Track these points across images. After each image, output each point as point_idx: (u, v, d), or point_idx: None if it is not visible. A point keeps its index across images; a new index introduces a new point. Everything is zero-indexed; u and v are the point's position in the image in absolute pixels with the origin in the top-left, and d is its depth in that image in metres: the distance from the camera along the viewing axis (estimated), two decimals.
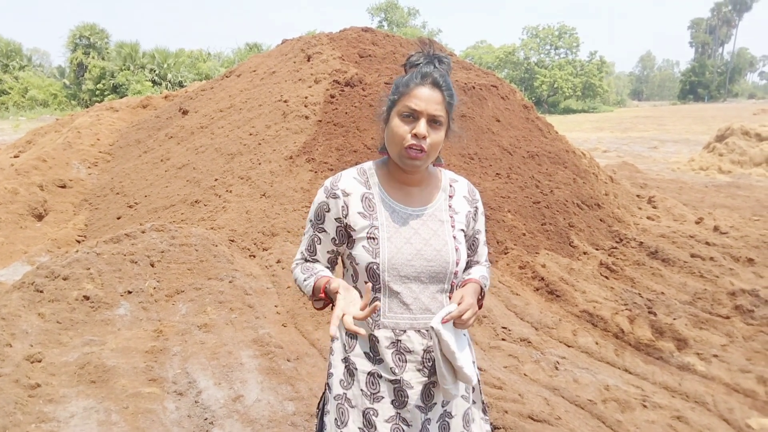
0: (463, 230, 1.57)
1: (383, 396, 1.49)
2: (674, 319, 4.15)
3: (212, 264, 4.27)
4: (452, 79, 1.50)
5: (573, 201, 6.27)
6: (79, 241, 5.97)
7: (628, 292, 4.69)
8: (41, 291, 3.71)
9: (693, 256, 5.50)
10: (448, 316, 1.40)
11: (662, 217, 7.07)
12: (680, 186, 9.84)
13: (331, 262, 1.61)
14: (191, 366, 3.24)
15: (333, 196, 1.50)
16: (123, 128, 9.85)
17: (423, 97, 1.40)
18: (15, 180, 7.07)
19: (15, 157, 9.20)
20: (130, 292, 3.89)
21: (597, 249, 5.76)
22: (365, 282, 1.49)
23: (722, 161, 12.42)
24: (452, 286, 1.53)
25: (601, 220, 6.30)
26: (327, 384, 1.60)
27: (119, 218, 6.21)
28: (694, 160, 13.12)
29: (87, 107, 19.24)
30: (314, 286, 1.51)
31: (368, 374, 1.50)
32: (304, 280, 1.54)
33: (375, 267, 1.45)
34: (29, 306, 3.62)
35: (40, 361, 3.15)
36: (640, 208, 7.40)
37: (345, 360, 1.54)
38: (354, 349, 1.53)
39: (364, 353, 1.51)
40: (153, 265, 4.13)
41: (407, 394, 1.47)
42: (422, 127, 1.39)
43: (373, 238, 1.46)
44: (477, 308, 1.47)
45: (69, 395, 2.92)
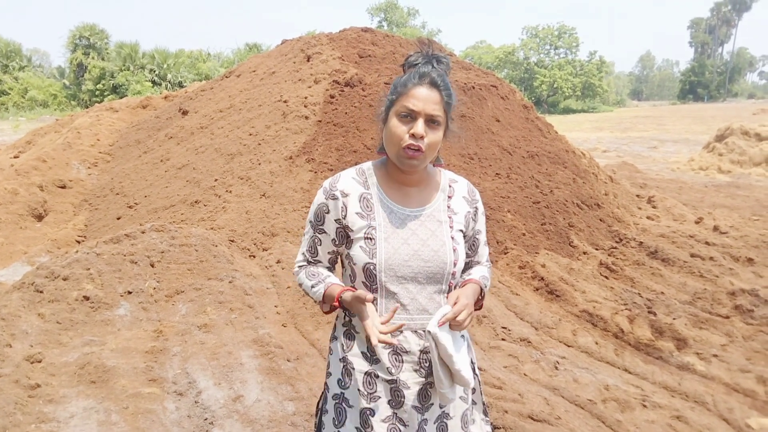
0: (462, 231, 1.56)
1: (380, 396, 1.49)
2: (674, 319, 4.15)
3: (212, 264, 4.27)
4: (452, 79, 1.50)
5: (573, 201, 6.27)
6: (79, 242, 5.98)
7: (628, 292, 4.69)
8: (41, 291, 3.71)
9: (693, 256, 5.50)
10: (443, 319, 1.39)
11: (662, 217, 7.07)
12: (680, 186, 9.84)
13: (332, 263, 1.61)
14: (191, 366, 3.24)
15: (332, 198, 1.50)
16: (123, 129, 9.85)
17: (421, 97, 1.39)
18: (15, 180, 7.07)
19: (15, 158, 9.20)
20: (130, 293, 3.90)
21: (597, 249, 5.76)
22: (363, 282, 1.49)
23: (722, 161, 12.42)
24: (450, 287, 1.53)
25: (601, 220, 6.31)
26: (326, 383, 1.61)
27: (119, 218, 6.22)
28: (694, 160, 13.12)
29: (87, 108, 19.24)
30: (325, 294, 1.51)
31: (365, 374, 1.50)
32: (312, 287, 1.55)
33: (372, 267, 1.45)
34: (29, 306, 3.62)
35: (40, 362, 3.15)
36: (640, 208, 7.40)
37: (343, 360, 1.55)
38: (352, 349, 1.53)
39: (362, 353, 1.52)
40: (153, 266, 4.13)
41: (404, 395, 1.48)
42: (420, 127, 1.39)
43: (371, 239, 1.46)
44: (473, 309, 1.48)
45: (69, 395, 2.92)
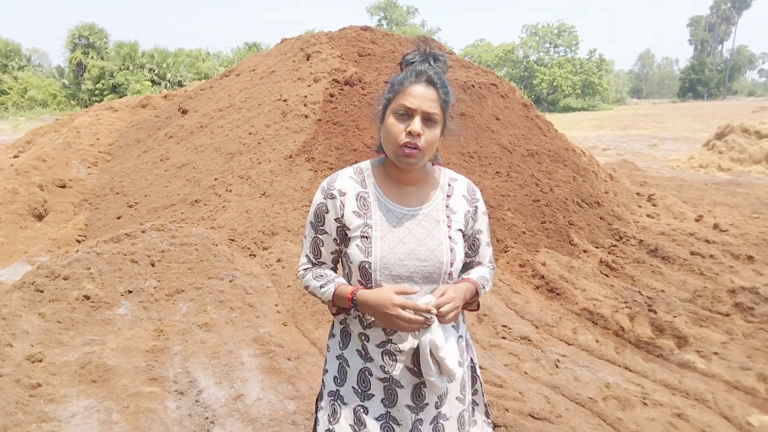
0: (461, 230, 1.55)
1: (374, 394, 1.49)
2: (674, 317, 4.15)
3: (212, 263, 4.27)
4: (452, 78, 1.50)
5: (573, 199, 6.27)
6: (80, 241, 5.98)
7: (628, 290, 4.69)
8: (42, 291, 3.71)
9: (693, 254, 5.50)
10: (425, 306, 1.38)
11: (662, 215, 7.07)
12: (680, 184, 9.83)
13: (336, 263, 1.61)
14: (192, 365, 3.25)
15: (330, 197, 1.50)
16: (122, 128, 9.85)
17: (417, 95, 1.39)
18: (15, 180, 7.07)
19: (15, 157, 9.19)
20: (131, 292, 3.90)
21: (597, 247, 5.76)
22: (358, 281, 1.49)
23: (722, 159, 12.41)
24: None
25: (601, 218, 6.31)
26: (323, 380, 1.61)
27: (119, 218, 6.22)
28: (694, 158, 13.12)
29: (86, 107, 19.24)
30: (336, 293, 1.50)
31: (360, 372, 1.50)
32: (321, 287, 1.53)
33: (367, 266, 1.45)
34: (30, 306, 3.62)
35: (41, 361, 3.15)
36: (640, 206, 7.40)
37: (339, 357, 1.55)
38: (347, 347, 1.54)
39: (356, 351, 1.52)
40: (153, 265, 4.14)
41: (397, 393, 1.48)
42: (417, 125, 1.39)
43: (366, 237, 1.46)
44: (459, 304, 1.45)
45: (70, 395, 2.93)
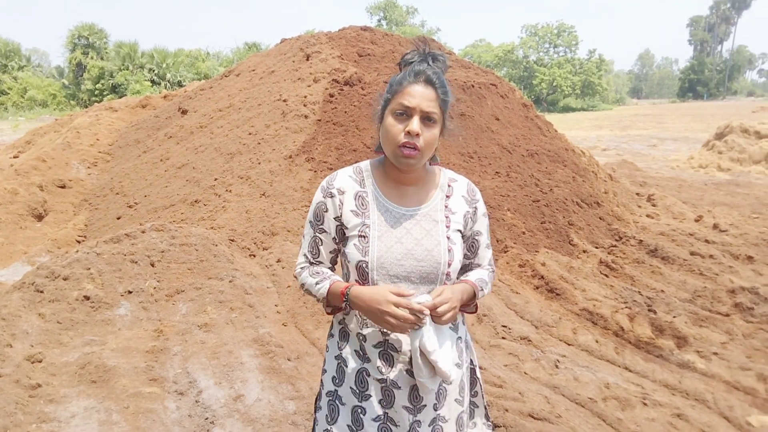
0: (460, 231, 1.55)
1: (371, 395, 1.49)
2: (674, 317, 4.15)
3: (212, 263, 4.27)
4: (451, 78, 1.51)
5: (572, 199, 6.27)
6: (79, 241, 5.98)
7: (628, 290, 4.69)
8: (41, 291, 3.71)
9: (692, 254, 5.50)
10: (419, 306, 1.36)
11: (662, 215, 7.07)
12: (679, 184, 9.83)
13: (333, 262, 1.61)
14: (192, 365, 3.25)
15: (329, 196, 1.50)
16: (122, 128, 9.85)
17: (415, 94, 1.39)
18: (15, 180, 7.07)
19: (14, 158, 9.19)
20: (131, 292, 3.90)
21: (596, 247, 5.76)
22: (356, 280, 1.49)
23: (721, 159, 12.42)
24: None
25: (601, 219, 6.31)
26: (321, 380, 1.61)
27: (119, 218, 6.21)
28: (694, 158, 13.12)
29: (86, 107, 19.24)
30: (330, 290, 1.49)
31: (357, 372, 1.50)
32: (316, 284, 1.53)
33: (364, 265, 1.45)
34: (29, 306, 3.62)
35: (41, 362, 3.15)
36: (640, 206, 7.40)
37: (337, 357, 1.55)
38: (345, 347, 1.54)
39: (354, 351, 1.52)
40: (153, 265, 4.13)
41: (394, 394, 1.47)
42: (415, 125, 1.38)
43: (364, 237, 1.46)
44: (456, 305, 1.43)
45: (70, 395, 2.92)
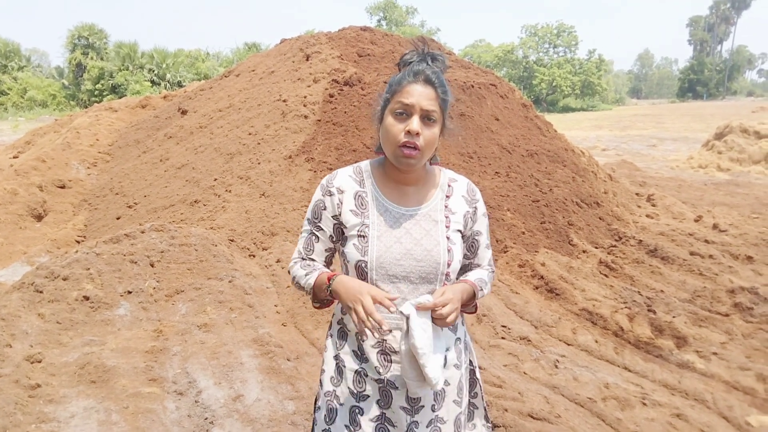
0: (460, 231, 1.55)
1: (369, 395, 1.49)
2: (673, 317, 4.15)
3: (212, 264, 4.27)
4: (451, 78, 1.51)
5: (572, 199, 6.28)
6: (79, 242, 5.97)
7: (628, 290, 4.69)
8: (41, 291, 3.71)
9: (692, 254, 5.50)
10: (419, 306, 1.35)
11: (661, 215, 7.07)
12: (679, 184, 9.83)
13: (328, 261, 1.60)
14: (191, 366, 3.25)
15: (329, 194, 1.51)
16: (122, 128, 9.85)
17: (415, 94, 1.39)
18: (14, 180, 7.07)
19: (14, 158, 9.19)
20: (130, 292, 3.90)
21: (596, 247, 5.76)
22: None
23: (721, 159, 12.42)
24: None
25: (601, 219, 6.31)
26: (320, 380, 1.61)
27: (119, 218, 6.21)
28: (693, 158, 13.12)
29: (86, 107, 19.23)
30: (317, 281, 1.49)
31: (355, 373, 1.50)
32: (306, 275, 1.52)
33: (363, 265, 1.45)
34: (29, 306, 3.62)
35: (40, 362, 3.15)
36: (639, 207, 7.40)
37: (336, 357, 1.55)
38: (343, 347, 1.54)
39: (352, 351, 1.52)
40: (153, 265, 4.13)
41: (392, 395, 1.47)
42: (415, 124, 1.38)
43: (363, 236, 1.46)
44: (457, 305, 1.42)
45: (69, 395, 2.92)
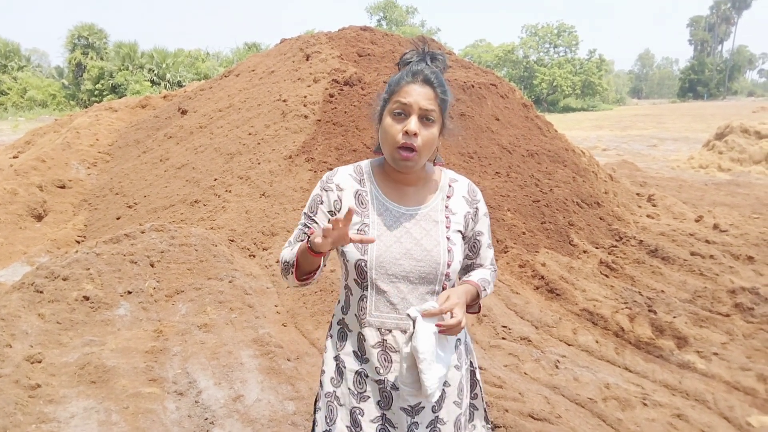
0: (461, 231, 1.54)
1: (369, 396, 1.48)
2: (674, 318, 4.15)
3: (212, 264, 4.27)
4: (451, 78, 1.50)
5: (573, 199, 6.27)
6: (79, 242, 5.97)
7: (628, 291, 4.69)
8: (41, 291, 3.71)
9: (693, 254, 5.50)
10: (424, 312, 1.33)
11: (662, 216, 7.07)
12: (680, 184, 9.83)
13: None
14: (191, 366, 3.24)
15: (327, 190, 1.51)
16: (122, 128, 9.84)
17: (413, 94, 1.39)
18: (14, 180, 7.06)
19: (14, 158, 9.19)
20: (130, 293, 3.89)
21: (597, 247, 5.76)
22: (354, 279, 1.48)
23: (722, 159, 12.42)
24: (444, 288, 1.49)
25: (601, 219, 6.30)
26: (320, 381, 1.60)
27: (119, 218, 6.21)
28: (694, 158, 13.12)
29: (86, 107, 19.22)
30: (300, 246, 1.44)
31: (356, 373, 1.50)
32: (291, 250, 1.50)
33: (363, 264, 1.44)
34: (29, 306, 3.62)
35: (40, 362, 3.15)
36: (640, 207, 7.40)
37: (336, 358, 1.55)
38: (344, 348, 1.53)
39: (353, 352, 1.51)
40: (153, 266, 4.13)
41: (391, 395, 1.46)
42: (413, 124, 1.37)
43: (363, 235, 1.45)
44: (463, 309, 1.40)
45: (69, 396, 2.92)
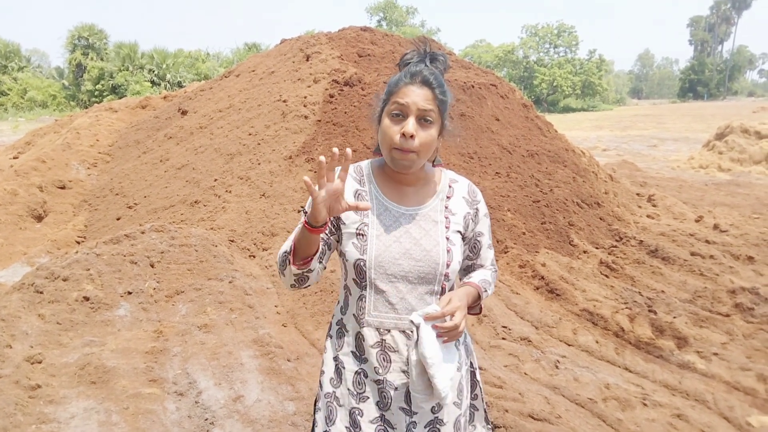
0: (461, 232, 1.54)
1: (368, 396, 1.48)
2: (674, 318, 4.15)
3: (212, 264, 4.27)
4: (451, 78, 1.50)
5: (573, 200, 6.27)
6: (79, 242, 5.97)
7: (628, 291, 4.69)
8: (41, 292, 3.71)
9: (693, 255, 5.50)
10: (427, 316, 1.33)
11: (662, 216, 7.07)
12: (680, 184, 9.83)
13: (320, 255, 1.51)
14: (191, 366, 3.24)
15: None
16: (122, 129, 9.85)
17: (411, 95, 1.38)
18: (14, 181, 7.07)
19: (14, 159, 9.19)
20: (130, 293, 3.89)
21: (597, 248, 5.76)
22: (353, 279, 1.47)
23: (722, 159, 12.42)
24: (444, 289, 1.49)
25: (601, 219, 6.30)
26: (320, 381, 1.60)
27: (119, 219, 6.21)
28: (694, 159, 13.12)
29: (86, 108, 19.22)
30: (296, 231, 1.40)
31: (355, 374, 1.49)
32: (289, 240, 1.45)
33: (362, 264, 1.44)
34: (29, 307, 3.62)
35: (41, 362, 3.15)
36: (640, 207, 7.40)
37: (335, 359, 1.54)
38: (342, 348, 1.53)
39: (351, 352, 1.51)
40: (153, 266, 4.13)
41: (390, 395, 1.46)
42: (410, 126, 1.37)
43: (362, 235, 1.45)
44: (465, 312, 1.40)
45: (69, 396, 2.92)
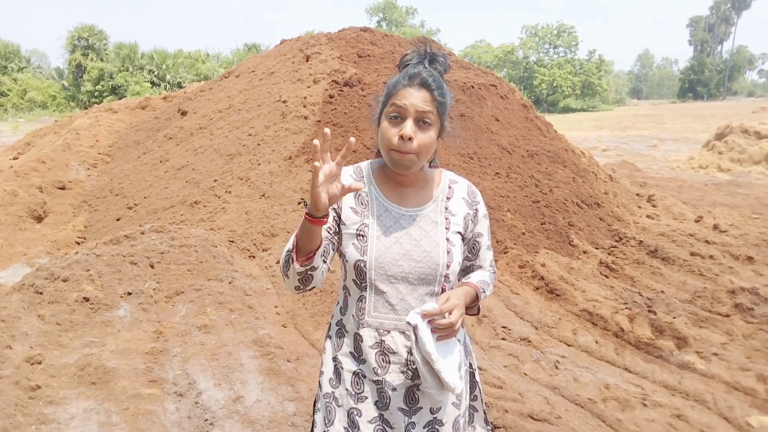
0: (461, 233, 1.54)
1: (367, 396, 1.48)
2: (674, 318, 4.15)
3: (212, 265, 4.27)
4: (451, 79, 1.49)
5: (572, 200, 6.27)
6: (79, 243, 5.97)
7: (628, 291, 4.69)
8: (41, 293, 3.71)
9: (693, 255, 5.50)
10: (424, 313, 1.33)
11: (662, 216, 7.07)
12: (680, 184, 9.83)
13: (324, 252, 1.47)
14: (191, 367, 3.24)
15: None
16: (122, 129, 9.85)
17: (409, 97, 1.38)
18: (14, 182, 7.07)
19: (14, 159, 9.19)
20: (130, 294, 3.89)
21: (597, 248, 5.76)
22: (353, 280, 1.48)
23: (722, 159, 12.42)
24: (444, 290, 1.49)
25: (601, 219, 6.31)
26: (319, 382, 1.60)
27: (119, 219, 6.22)
28: (694, 159, 13.12)
29: (86, 109, 19.22)
30: (299, 227, 1.37)
31: (353, 374, 1.50)
32: (291, 240, 1.43)
33: (362, 265, 1.44)
34: (29, 308, 3.62)
35: (40, 363, 3.15)
36: (640, 207, 7.40)
37: (334, 359, 1.55)
38: (341, 349, 1.53)
39: (350, 353, 1.51)
40: (153, 267, 4.13)
41: (389, 396, 1.46)
42: (408, 128, 1.36)
43: (363, 236, 1.45)
44: (462, 310, 1.40)
45: (69, 397, 2.92)
